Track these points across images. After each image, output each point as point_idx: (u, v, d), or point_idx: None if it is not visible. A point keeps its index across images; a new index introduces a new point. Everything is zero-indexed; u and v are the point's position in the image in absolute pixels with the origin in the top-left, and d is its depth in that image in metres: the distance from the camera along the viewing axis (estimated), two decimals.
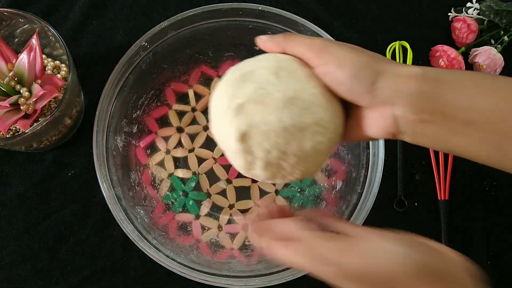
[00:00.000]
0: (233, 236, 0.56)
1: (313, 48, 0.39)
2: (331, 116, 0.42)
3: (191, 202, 0.57)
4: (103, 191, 0.52)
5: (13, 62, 0.54)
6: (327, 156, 0.45)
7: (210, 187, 0.59)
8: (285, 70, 0.42)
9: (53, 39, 0.55)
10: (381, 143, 0.54)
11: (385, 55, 0.62)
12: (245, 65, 0.44)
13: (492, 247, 0.59)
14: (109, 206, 0.52)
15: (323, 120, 0.41)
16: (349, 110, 0.40)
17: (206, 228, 0.56)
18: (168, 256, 0.51)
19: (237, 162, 0.44)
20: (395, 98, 0.35)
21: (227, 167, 0.60)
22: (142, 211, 0.55)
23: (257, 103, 0.41)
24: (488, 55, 0.61)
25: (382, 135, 0.37)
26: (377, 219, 0.59)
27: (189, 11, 0.58)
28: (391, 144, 0.60)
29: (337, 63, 0.37)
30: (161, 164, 0.58)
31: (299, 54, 0.40)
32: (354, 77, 0.36)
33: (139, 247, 0.51)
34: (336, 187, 0.57)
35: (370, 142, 0.55)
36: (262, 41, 0.43)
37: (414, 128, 0.35)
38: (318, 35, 0.58)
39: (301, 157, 0.42)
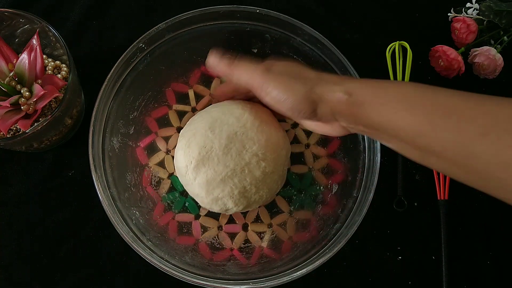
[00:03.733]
0: (233, 236, 0.56)
1: (255, 79, 0.46)
2: (265, 143, 0.52)
3: (190, 202, 0.57)
4: (98, 193, 0.52)
5: (14, 62, 0.54)
6: (281, 169, 0.54)
7: None
8: (218, 121, 0.52)
9: (54, 39, 0.55)
10: (378, 147, 0.54)
11: (384, 55, 0.63)
12: (186, 130, 0.54)
13: (492, 247, 0.59)
14: (104, 208, 0.52)
15: (259, 151, 0.51)
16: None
17: (206, 228, 0.56)
18: (162, 258, 0.52)
19: (214, 209, 0.54)
20: (335, 116, 0.43)
21: None
22: (137, 213, 0.55)
23: (205, 161, 0.51)
24: (488, 56, 0.61)
25: (340, 135, 0.46)
26: (377, 219, 0.59)
27: (186, 13, 0.58)
28: None
29: (278, 95, 0.44)
30: (161, 164, 0.58)
31: (244, 83, 0.48)
32: (296, 107, 0.44)
33: (133, 249, 0.51)
34: (332, 190, 0.57)
35: (367, 147, 0.55)
36: (210, 67, 0.51)
37: (360, 132, 0.44)
38: (316, 38, 0.58)
39: (258, 184, 0.52)
